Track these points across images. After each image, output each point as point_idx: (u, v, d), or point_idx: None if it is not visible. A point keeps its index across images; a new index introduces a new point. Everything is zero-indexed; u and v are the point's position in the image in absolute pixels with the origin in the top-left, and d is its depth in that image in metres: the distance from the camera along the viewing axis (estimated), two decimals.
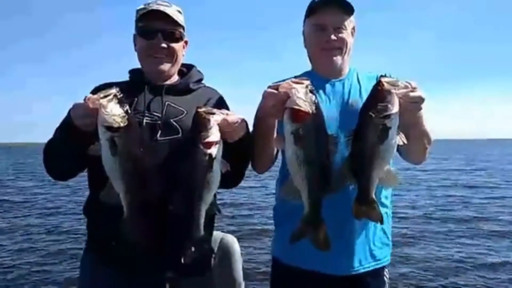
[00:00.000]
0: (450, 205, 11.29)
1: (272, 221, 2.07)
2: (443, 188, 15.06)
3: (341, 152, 1.64)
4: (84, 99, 1.52)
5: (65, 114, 1.65)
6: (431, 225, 8.79)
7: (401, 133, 1.52)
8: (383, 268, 1.90)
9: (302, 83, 1.52)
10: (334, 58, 1.88)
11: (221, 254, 2.34)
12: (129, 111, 1.52)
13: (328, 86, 1.91)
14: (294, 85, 1.50)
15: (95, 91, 1.63)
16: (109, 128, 1.45)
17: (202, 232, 1.57)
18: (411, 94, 1.50)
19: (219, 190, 1.66)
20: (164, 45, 1.83)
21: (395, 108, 1.47)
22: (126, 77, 1.96)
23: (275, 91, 1.54)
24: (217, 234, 2.39)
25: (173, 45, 1.86)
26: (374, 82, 1.86)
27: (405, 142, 1.53)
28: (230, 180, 1.74)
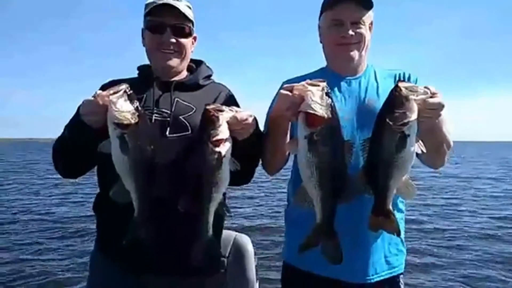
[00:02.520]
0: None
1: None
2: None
3: (356, 158, 1.57)
4: (94, 96, 1.49)
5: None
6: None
7: (420, 141, 1.45)
8: (398, 275, 1.85)
9: (318, 85, 1.45)
10: (351, 53, 1.79)
11: (235, 254, 2.34)
12: (139, 108, 1.49)
13: (343, 84, 1.83)
14: (310, 87, 1.44)
15: (104, 88, 1.59)
16: (119, 125, 1.43)
17: (211, 232, 1.55)
18: (430, 100, 1.42)
19: (231, 187, 1.62)
20: (173, 40, 1.78)
21: (413, 115, 1.40)
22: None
23: (289, 93, 1.47)
24: (230, 234, 2.38)
25: (182, 40, 1.81)
26: (393, 81, 1.77)
27: (424, 150, 1.46)
28: (240, 178, 1.71)
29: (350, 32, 1.75)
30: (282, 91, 1.52)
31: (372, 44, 1.85)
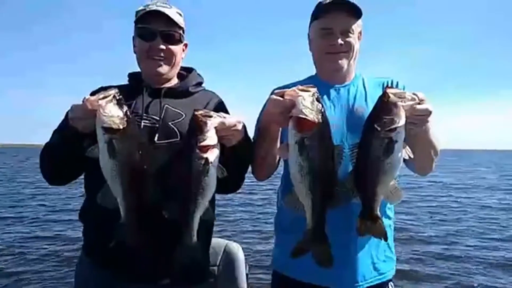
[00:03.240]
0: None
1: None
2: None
3: (345, 164, 1.58)
4: (83, 100, 1.48)
5: None
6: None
7: (407, 146, 1.47)
8: (387, 282, 1.85)
9: (309, 91, 1.47)
10: (340, 61, 1.82)
11: (225, 262, 2.33)
12: (128, 113, 1.49)
13: (332, 91, 1.86)
14: (301, 93, 1.45)
15: (93, 94, 1.59)
16: (108, 129, 1.43)
17: (195, 239, 1.53)
18: (418, 106, 1.45)
19: (223, 196, 1.62)
20: (162, 46, 1.80)
21: (401, 121, 1.42)
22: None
23: (280, 98, 1.49)
24: (221, 242, 2.38)
25: (172, 47, 1.82)
26: (381, 89, 1.80)
27: (411, 156, 1.48)
28: (229, 185, 1.71)
29: (339, 41, 1.79)
30: (273, 96, 1.53)
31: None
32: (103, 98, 1.43)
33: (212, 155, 1.47)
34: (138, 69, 1.90)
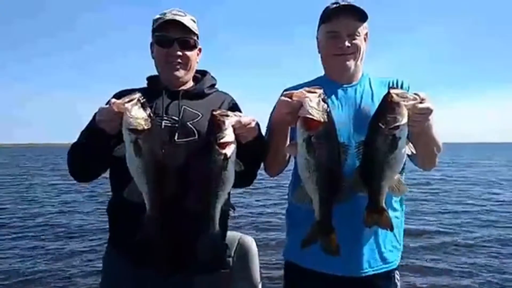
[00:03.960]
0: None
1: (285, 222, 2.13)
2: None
3: (352, 160, 1.68)
4: (108, 103, 1.61)
5: None
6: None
7: (410, 143, 1.57)
8: (393, 270, 1.94)
9: (315, 92, 1.57)
10: (347, 63, 1.91)
11: (239, 254, 2.40)
12: (151, 115, 1.61)
13: (340, 91, 1.95)
14: (308, 94, 1.56)
15: (116, 97, 1.72)
16: (134, 130, 1.54)
17: (217, 228, 1.65)
18: (420, 105, 1.54)
19: (235, 191, 1.73)
20: (179, 52, 1.91)
21: (404, 119, 1.51)
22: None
23: (289, 100, 1.59)
24: (235, 235, 2.46)
25: (188, 53, 1.93)
26: (386, 88, 1.89)
27: (414, 152, 1.57)
28: (243, 179, 1.82)
29: (347, 43, 1.87)
30: (282, 97, 1.64)
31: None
32: (129, 101, 1.55)
33: (230, 151, 1.59)
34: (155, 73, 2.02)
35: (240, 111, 1.87)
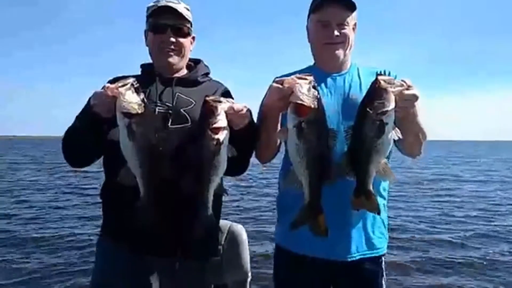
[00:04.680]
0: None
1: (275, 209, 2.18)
2: None
3: (341, 145, 1.73)
4: (103, 88, 1.64)
5: None
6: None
7: (396, 128, 1.62)
8: (380, 256, 1.99)
9: (306, 79, 1.61)
10: (336, 52, 1.96)
11: (229, 242, 2.44)
12: (145, 100, 1.64)
13: (329, 80, 1.99)
14: (298, 81, 1.60)
15: (112, 82, 1.74)
16: (127, 114, 1.57)
17: (211, 211, 1.69)
18: (406, 92, 1.59)
19: (227, 181, 1.77)
20: (173, 39, 1.93)
21: (391, 105, 1.56)
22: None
23: (280, 86, 1.63)
24: (225, 223, 2.49)
25: (182, 40, 1.96)
26: (374, 77, 1.94)
27: (400, 136, 1.62)
28: (236, 167, 1.85)
29: (336, 32, 1.92)
30: (273, 84, 1.68)
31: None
32: (122, 86, 1.58)
33: (223, 136, 1.63)
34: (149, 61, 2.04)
35: (232, 99, 1.91)
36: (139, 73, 2.06)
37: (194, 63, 2.11)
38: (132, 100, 1.58)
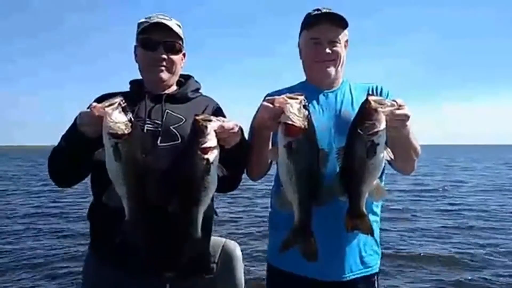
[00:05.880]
0: None
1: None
2: None
3: (332, 165, 1.71)
4: (89, 107, 1.61)
5: None
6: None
7: (388, 148, 1.59)
8: (373, 275, 1.97)
9: (297, 99, 1.59)
10: (328, 69, 1.95)
11: (223, 259, 2.37)
12: (133, 119, 1.60)
13: (321, 97, 1.98)
14: (289, 101, 1.58)
15: (98, 101, 1.71)
16: (114, 135, 1.53)
17: (200, 234, 1.66)
18: (397, 111, 1.57)
19: (221, 196, 1.74)
20: (164, 56, 1.91)
21: (381, 126, 1.54)
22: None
23: (271, 105, 1.61)
24: (219, 240, 2.44)
25: (173, 56, 1.94)
26: (366, 94, 1.93)
27: (392, 157, 1.60)
28: (227, 184, 1.82)
29: (327, 50, 1.91)
30: (264, 103, 1.65)
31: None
32: (109, 105, 1.54)
33: (213, 156, 1.59)
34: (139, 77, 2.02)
35: (223, 116, 1.88)
36: (128, 89, 2.03)
37: (185, 79, 2.09)
38: (119, 120, 1.54)
